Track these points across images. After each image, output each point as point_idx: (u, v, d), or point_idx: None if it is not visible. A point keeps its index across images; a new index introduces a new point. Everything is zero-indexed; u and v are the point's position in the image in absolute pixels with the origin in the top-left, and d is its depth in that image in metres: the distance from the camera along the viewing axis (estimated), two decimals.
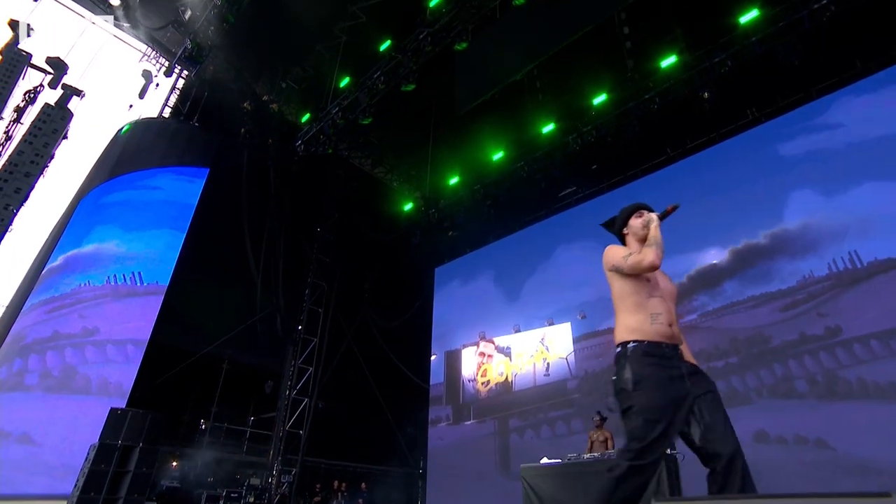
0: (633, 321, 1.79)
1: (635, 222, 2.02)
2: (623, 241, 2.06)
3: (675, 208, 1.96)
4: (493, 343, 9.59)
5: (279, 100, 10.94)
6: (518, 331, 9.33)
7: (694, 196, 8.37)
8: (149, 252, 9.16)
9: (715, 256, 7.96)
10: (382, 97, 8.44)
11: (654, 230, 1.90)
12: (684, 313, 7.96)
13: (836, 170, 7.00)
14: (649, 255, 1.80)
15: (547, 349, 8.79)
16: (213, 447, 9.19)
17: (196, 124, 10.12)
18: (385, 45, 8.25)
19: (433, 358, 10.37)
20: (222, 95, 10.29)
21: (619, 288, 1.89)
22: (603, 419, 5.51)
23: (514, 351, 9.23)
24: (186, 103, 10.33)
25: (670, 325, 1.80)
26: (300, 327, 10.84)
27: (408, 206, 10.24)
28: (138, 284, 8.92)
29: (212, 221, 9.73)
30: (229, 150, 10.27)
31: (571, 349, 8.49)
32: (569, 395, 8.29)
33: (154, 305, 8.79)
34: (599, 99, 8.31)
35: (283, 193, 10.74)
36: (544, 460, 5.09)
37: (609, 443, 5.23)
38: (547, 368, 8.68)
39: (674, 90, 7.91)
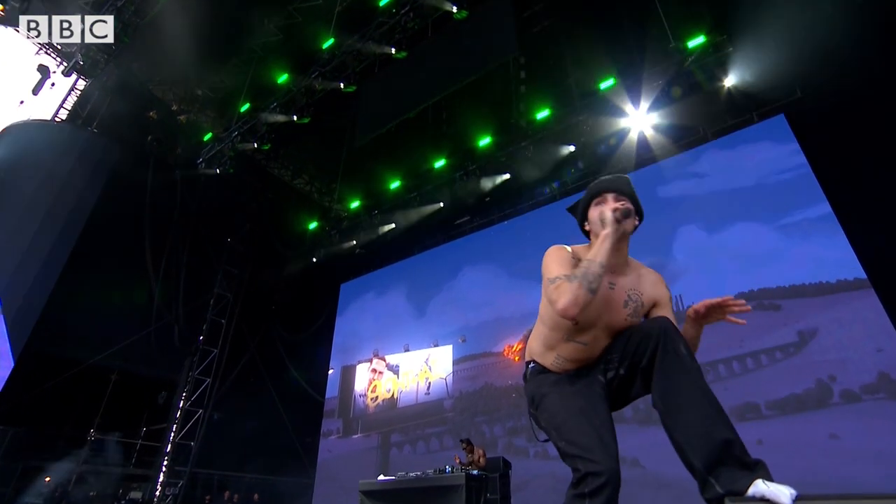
0: (539, 348, 1.42)
1: (593, 213, 1.38)
2: (589, 237, 1.45)
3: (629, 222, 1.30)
4: (384, 361, 10.14)
5: (192, 109, 10.90)
6: (407, 350, 9.93)
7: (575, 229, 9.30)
8: (30, 257, 8.90)
9: None
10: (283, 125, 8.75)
11: (602, 242, 1.23)
12: None
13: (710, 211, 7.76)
14: (563, 297, 1.15)
15: (430, 369, 9.45)
16: (96, 461, 9.07)
17: (95, 130, 9.91)
18: (283, 78, 8.56)
19: (331, 372, 10.77)
20: (126, 102, 10.13)
21: (544, 305, 1.38)
22: (468, 442, 5.90)
23: (402, 369, 9.83)
24: (86, 107, 10.06)
25: (577, 364, 1.36)
26: (201, 338, 10.90)
27: (312, 225, 10.57)
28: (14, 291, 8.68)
29: (107, 229, 9.55)
30: (132, 158, 10.14)
31: (451, 370, 9.19)
32: (444, 414, 8.98)
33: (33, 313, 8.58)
34: (485, 141, 9.08)
35: (190, 203, 10.73)
36: (381, 477, 5.84)
37: (482, 460, 5.68)
38: (428, 387, 9.33)
39: (547, 138, 8.78)
